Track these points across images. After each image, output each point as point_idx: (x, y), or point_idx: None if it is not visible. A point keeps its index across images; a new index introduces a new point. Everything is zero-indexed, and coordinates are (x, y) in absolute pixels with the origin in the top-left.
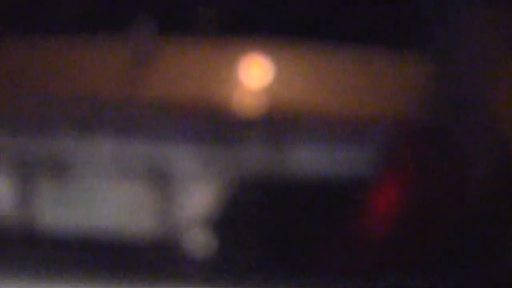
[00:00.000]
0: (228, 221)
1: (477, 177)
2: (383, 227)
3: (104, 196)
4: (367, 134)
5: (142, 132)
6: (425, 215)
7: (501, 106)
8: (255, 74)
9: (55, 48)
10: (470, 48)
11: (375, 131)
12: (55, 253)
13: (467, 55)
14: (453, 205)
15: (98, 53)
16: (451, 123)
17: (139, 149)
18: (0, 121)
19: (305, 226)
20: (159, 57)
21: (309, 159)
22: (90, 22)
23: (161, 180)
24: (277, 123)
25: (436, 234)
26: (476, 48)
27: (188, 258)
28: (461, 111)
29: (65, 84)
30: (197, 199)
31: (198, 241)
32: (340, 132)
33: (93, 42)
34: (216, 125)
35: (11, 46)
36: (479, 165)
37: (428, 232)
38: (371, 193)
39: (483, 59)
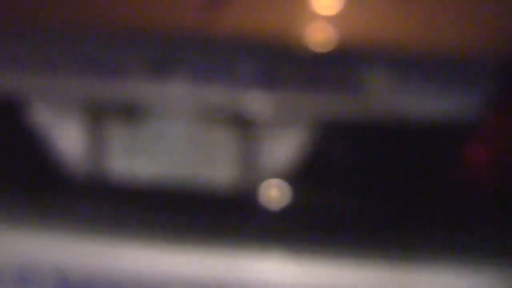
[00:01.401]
0: (309, 171)
1: None
2: (477, 179)
3: (179, 142)
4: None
5: (219, 74)
6: None
7: None
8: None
9: None
10: None
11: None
12: (128, 201)
13: None
14: None
15: None
16: None
17: (216, 93)
18: (71, 64)
19: (391, 178)
20: None
21: (396, 104)
22: None
23: (239, 126)
24: (363, 65)
25: None
26: None
27: (266, 208)
28: None
29: (139, 24)
30: (276, 147)
31: (277, 190)
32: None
33: None
34: (297, 68)
35: None
36: None
37: None
38: (466, 143)
39: None
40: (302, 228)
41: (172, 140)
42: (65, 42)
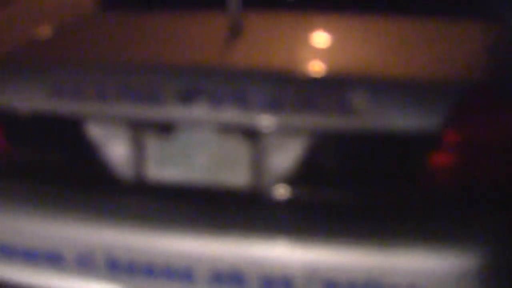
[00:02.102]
0: (307, 174)
1: None
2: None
3: (202, 152)
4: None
5: (234, 98)
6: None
7: None
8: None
9: (164, 23)
10: None
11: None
12: (162, 198)
13: None
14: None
15: (198, 29)
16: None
17: (233, 111)
18: (119, 92)
19: (374, 179)
20: (248, 30)
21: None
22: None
23: (251, 138)
24: (349, 85)
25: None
26: None
27: (273, 204)
28: None
29: (172, 60)
30: (280, 155)
31: (282, 190)
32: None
33: (194, 19)
34: (297, 91)
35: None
36: None
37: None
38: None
39: None
40: (302, 219)
41: (197, 150)
42: (115, 75)
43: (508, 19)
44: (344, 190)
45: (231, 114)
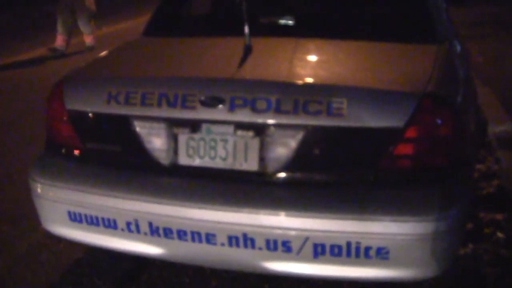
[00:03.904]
0: (303, 160)
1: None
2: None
3: (222, 145)
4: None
5: (246, 101)
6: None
7: None
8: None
9: (193, 46)
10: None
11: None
12: (192, 180)
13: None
14: None
15: (218, 50)
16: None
17: (245, 113)
18: (158, 100)
19: (353, 163)
20: (257, 51)
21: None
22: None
23: (259, 134)
24: (333, 93)
25: None
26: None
27: (279, 185)
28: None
29: (197, 71)
30: (283, 146)
31: (285, 174)
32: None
33: (216, 43)
34: (293, 98)
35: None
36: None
37: None
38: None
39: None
40: (297, 196)
41: (218, 143)
42: (155, 86)
43: (451, 42)
44: (329, 173)
45: (243, 116)
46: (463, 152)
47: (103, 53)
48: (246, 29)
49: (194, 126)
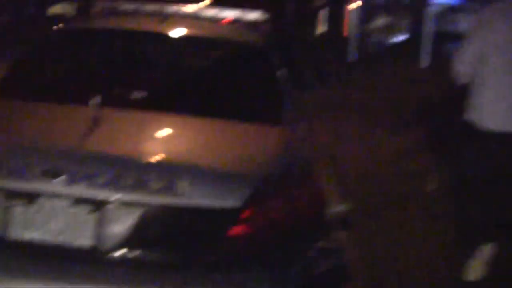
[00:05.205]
0: (140, 238)
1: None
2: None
3: (58, 218)
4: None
5: (85, 175)
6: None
7: None
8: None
9: (37, 112)
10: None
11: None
12: (22, 256)
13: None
14: None
15: (63, 119)
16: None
17: (83, 188)
18: None
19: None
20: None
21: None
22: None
23: (96, 210)
24: (174, 171)
25: None
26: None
27: (114, 263)
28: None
29: (37, 140)
30: (120, 223)
31: (121, 252)
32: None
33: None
34: (134, 174)
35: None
36: None
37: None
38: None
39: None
40: (132, 275)
41: (53, 217)
42: None
43: (294, 125)
44: (168, 253)
45: (81, 190)
46: (297, 234)
47: None
48: (95, 99)
49: (30, 198)
